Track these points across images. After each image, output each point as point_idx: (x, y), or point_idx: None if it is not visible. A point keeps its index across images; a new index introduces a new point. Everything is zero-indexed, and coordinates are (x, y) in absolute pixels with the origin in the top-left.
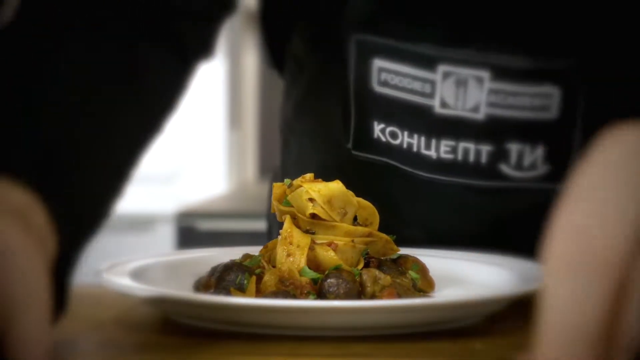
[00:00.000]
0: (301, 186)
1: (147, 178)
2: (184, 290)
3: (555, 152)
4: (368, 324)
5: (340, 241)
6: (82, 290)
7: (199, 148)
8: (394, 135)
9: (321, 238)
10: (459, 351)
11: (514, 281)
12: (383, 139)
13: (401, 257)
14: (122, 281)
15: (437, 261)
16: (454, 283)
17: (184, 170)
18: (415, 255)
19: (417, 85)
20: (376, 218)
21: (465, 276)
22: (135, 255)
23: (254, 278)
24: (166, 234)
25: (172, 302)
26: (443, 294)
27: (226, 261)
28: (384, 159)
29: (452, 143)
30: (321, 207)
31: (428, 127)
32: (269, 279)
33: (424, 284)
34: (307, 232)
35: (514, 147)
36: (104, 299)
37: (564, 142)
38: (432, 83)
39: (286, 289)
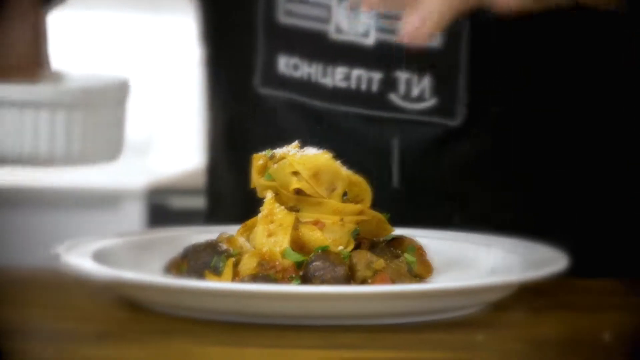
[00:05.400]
0: (284, 158)
1: None
2: (153, 274)
3: (441, 84)
4: (358, 313)
5: (328, 220)
6: (39, 274)
7: (173, 117)
8: (295, 67)
9: (306, 216)
10: (458, 343)
11: (519, 266)
12: (287, 73)
13: (396, 238)
14: (84, 263)
15: (436, 243)
16: (454, 268)
17: (156, 141)
18: (411, 237)
19: (315, 11)
20: (368, 194)
21: (466, 260)
22: (99, 234)
23: (230, 260)
24: (135, 212)
25: (140, 286)
26: (442, 280)
27: (200, 241)
28: (287, 94)
29: (345, 70)
30: (306, 181)
31: (325, 54)
32: (247, 261)
33: (420, 268)
34: (291, 209)
35: (402, 76)
36: (62, 283)
37: (450, 74)
38: (328, 7)
39: (267, 272)
